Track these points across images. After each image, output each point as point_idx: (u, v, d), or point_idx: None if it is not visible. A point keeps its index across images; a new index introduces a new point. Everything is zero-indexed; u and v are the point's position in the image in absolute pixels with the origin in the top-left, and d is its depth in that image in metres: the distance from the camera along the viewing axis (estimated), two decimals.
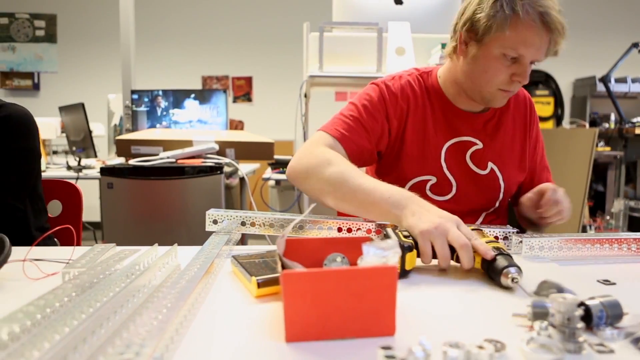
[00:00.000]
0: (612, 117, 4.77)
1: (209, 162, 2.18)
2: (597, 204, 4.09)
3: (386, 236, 0.83)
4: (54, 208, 1.48)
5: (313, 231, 0.99)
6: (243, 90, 5.12)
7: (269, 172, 2.78)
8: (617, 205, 3.90)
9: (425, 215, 0.84)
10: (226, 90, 2.59)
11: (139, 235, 2.11)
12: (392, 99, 1.19)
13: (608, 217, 3.93)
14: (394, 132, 1.19)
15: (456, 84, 1.18)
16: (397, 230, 0.86)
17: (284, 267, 0.59)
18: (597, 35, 5.28)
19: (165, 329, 0.51)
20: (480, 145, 1.20)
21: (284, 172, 2.71)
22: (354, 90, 2.84)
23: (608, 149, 4.30)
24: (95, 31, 5.12)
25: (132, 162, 2.20)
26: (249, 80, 5.14)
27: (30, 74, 5.13)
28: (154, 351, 0.47)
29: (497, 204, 1.24)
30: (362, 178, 0.99)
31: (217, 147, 2.30)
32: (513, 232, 0.98)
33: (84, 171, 2.78)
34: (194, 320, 0.63)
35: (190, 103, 2.51)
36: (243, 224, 1.03)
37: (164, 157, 2.23)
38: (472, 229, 0.89)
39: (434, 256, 0.81)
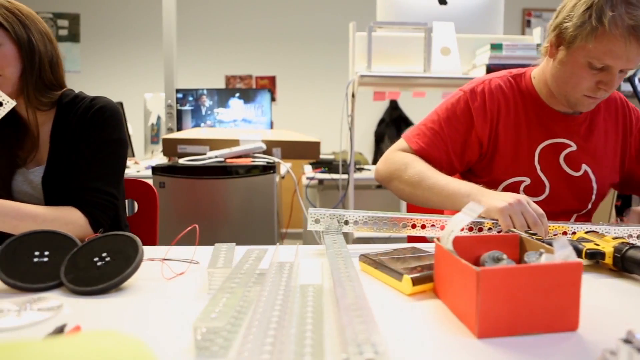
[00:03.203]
0: None
1: (259, 162, 2.18)
2: (625, 203, 4.09)
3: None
4: (130, 207, 1.49)
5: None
6: None
7: (309, 171, 2.80)
8: None
9: (498, 196, 0.98)
10: (270, 90, 2.60)
11: (192, 233, 2.12)
12: (479, 105, 1.20)
13: None
14: (485, 138, 1.20)
15: (547, 84, 1.19)
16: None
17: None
18: None
19: (376, 328, 0.52)
20: (574, 147, 1.20)
21: (325, 171, 2.74)
22: (392, 90, 2.84)
23: None
24: (118, 31, 5.13)
25: (182, 161, 2.21)
26: (272, 80, 5.15)
27: None
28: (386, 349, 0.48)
29: (589, 206, 1.25)
30: (435, 176, 1.12)
31: (264, 146, 2.30)
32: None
33: None
34: None
35: (235, 102, 2.52)
36: (346, 222, 1.05)
37: (212, 156, 2.24)
38: (587, 231, 0.92)
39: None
